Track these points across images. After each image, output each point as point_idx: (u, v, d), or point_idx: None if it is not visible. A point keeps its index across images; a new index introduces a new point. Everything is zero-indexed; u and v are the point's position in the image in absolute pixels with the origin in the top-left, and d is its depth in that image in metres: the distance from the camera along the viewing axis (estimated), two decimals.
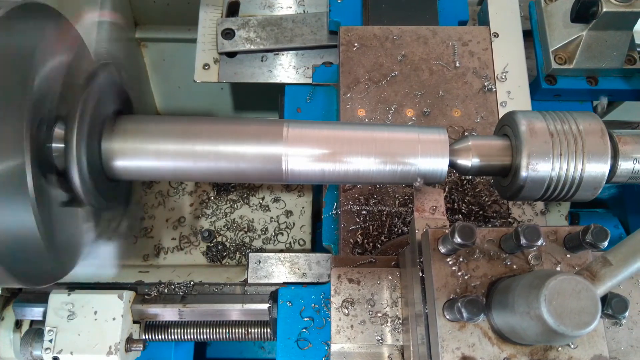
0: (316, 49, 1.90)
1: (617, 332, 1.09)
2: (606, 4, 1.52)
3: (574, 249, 0.99)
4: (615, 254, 0.86)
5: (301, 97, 1.74)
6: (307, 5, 1.99)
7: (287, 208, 2.03)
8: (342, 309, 1.22)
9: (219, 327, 1.68)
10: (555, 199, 1.17)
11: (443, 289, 0.96)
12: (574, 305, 0.78)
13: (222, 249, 1.96)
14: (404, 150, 1.16)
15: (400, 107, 1.60)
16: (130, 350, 1.56)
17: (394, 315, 1.21)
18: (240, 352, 2.57)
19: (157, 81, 2.60)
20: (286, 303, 1.40)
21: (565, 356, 0.92)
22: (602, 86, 1.71)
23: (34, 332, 1.58)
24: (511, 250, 0.98)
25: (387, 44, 1.67)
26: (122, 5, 2.22)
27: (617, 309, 0.87)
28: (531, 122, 1.12)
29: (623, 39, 1.62)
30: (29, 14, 1.07)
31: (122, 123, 1.22)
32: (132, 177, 1.25)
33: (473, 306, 0.88)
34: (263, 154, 1.18)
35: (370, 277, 1.25)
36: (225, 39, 1.88)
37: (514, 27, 1.73)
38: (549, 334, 0.80)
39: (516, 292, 0.85)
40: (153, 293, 1.66)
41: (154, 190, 2.09)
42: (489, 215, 1.50)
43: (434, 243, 0.99)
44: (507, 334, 0.91)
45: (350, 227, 1.49)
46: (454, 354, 0.92)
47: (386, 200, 1.52)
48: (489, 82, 1.63)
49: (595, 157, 1.10)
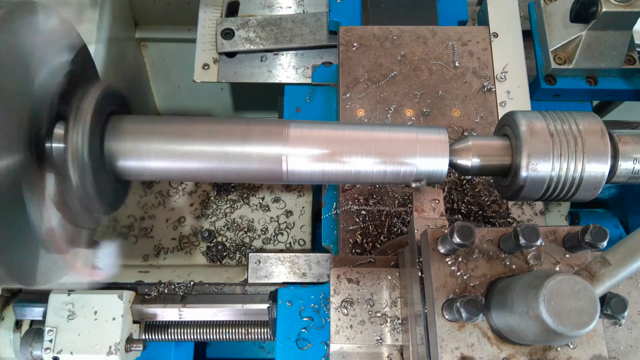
0: (316, 49, 1.91)
1: (616, 332, 1.09)
2: (605, 4, 1.52)
3: (573, 249, 0.99)
4: (614, 254, 0.86)
5: (301, 97, 1.75)
6: (306, 5, 1.99)
7: (287, 208, 2.03)
8: (342, 309, 1.22)
9: (219, 327, 1.68)
10: (555, 199, 1.16)
11: (442, 289, 0.96)
12: (573, 305, 0.78)
13: (222, 249, 1.97)
14: (404, 151, 1.16)
15: (399, 107, 1.60)
16: (130, 350, 1.55)
17: (393, 315, 1.21)
18: (240, 352, 2.57)
19: (157, 81, 2.61)
20: (285, 303, 1.40)
21: (564, 356, 0.92)
22: (602, 86, 1.71)
23: (34, 332, 1.57)
24: (510, 250, 0.98)
25: (386, 44, 1.68)
26: (122, 5, 2.22)
27: (616, 309, 0.87)
28: (531, 122, 1.12)
29: (622, 39, 1.62)
30: (28, 14, 1.07)
31: (122, 123, 1.22)
32: (133, 177, 1.25)
33: (472, 306, 0.88)
34: (263, 154, 1.17)
35: (369, 277, 1.25)
36: (225, 39, 1.88)
37: (513, 27, 1.73)
38: (548, 334, 0.80)
39: (515, 292, 0.85)
40: (153, 293, 1.66)
41: (154, 190, 2.10)
42: (488, 215, 1.50)
43: (433, 243, 0.99)
44: (506, 334, 0.91)
45: (350, 227, 1.49)
46: (453, 354, 0.92)
47: (385, 200, 1.52)
48: (488, 82, 1.63)
49: (595, 157, 1.10)
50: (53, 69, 1.14)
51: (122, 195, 1.37)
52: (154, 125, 1.23)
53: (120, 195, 1.36)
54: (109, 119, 1.21)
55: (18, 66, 1.03)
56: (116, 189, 1.31)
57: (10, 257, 1.02)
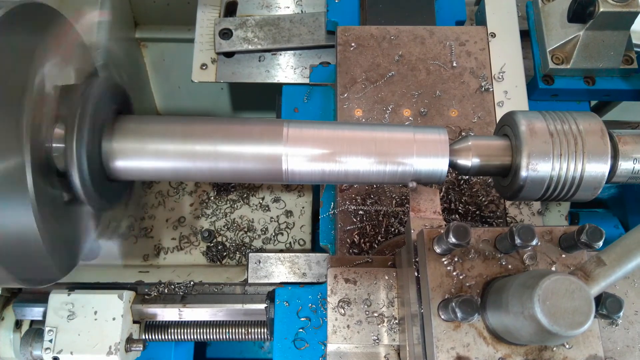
0: (314, 49, 1.91)
1: (613, 332, 1.09)
2: (603, 3, 1.52)
3: (569, 249, 0.99)
4: (609, 254, 0.86)
5: (298, 97, 1.75)
6: (304, 5, 1.99)
7: (287, 208, 2.04)
8: (339, 309, 1.22)
9: (219, 327, 1.68)
10: (555, 199, 1.17)
11: (438, 289, 0.96)
12: (568, 305, 0.78)
13: (222, 249, 1.97)
14: (404, 151, 1.16)
15: (397, 107, 1.60)
16: (130, 350, 1.56)
17: (390, 315, 1.21)
18: (240, 352, 2.57)
19: (157, 81, 2.61)
20: (283, 303, 1.41)
21: (560, 356, 0.93)
22: (599, 86, 1.70)
23: (34, 332, 1.58)
24: (506, 250, 0.99)
25: (384, 44, 1.68)
26: (122, 5, 2.22)
27: (612, 308, 0.87)
28: (531, 122, 1.12)
29: (620, 38, 1.62)
30: (29, 14, 1.08)
31: (122, 123, 1.22)
32: (132, 177, 1.26)
33: (467, 306, 0.88)
34: (263, 154, 1.18)
35: (366, 277, 1.25)
36: (223, 39, 1.88)
37: (511, 27, 1.73)
38: (543, 334, 0.80)
39: (510, 292, 0.86)
40: (153, 293, 1.66)
41: (154, 190, 2.10)
42: (485, 215, 1.50)
43: (429, 243, 1.00)
44: (502, 334, 0.92)
45: (347, 227, 1.49)
46: (449, 354, 0.92)
47: (383, 200, 1.52)
48: (486, 82, 1.63)
49: (595, 157, 1.10)
50: (53, 69, 1.14)
51: (124, 194, 1.38)
52: (153, 125, 1.23)
53: (122, 195, 1.36)
54: (110, 119, 1.21)
55: (18, 66, 1.04)
56: (117, 189, 1.32)
57: (13, 258, 1.02)
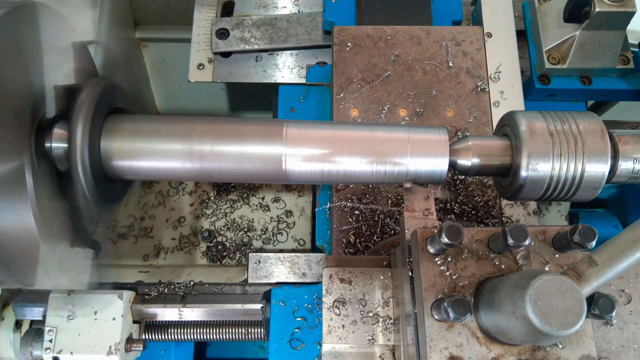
0: (311, 49, 1.91)
1: (607, 332, 1.09)
2: (599, 3, 1.51)
3: (563, 249, 0.99)
4: (601, 254, 0.86)
5: (295, 97, 1.75)
6: (301, 5, 2.00)
7: (287, 208, 2.04)
8: (334, 308, 1.22)
9: (219, 327, 1.68)
10: (555, 199, 1.17)
11: (431, 289, 0.97)
12: (560, 305, 0.79)
13: (222, 249, 1.98)
14: (404, 151, 1.16)
15: (393, 107, 1.60)
16: (130, 350, 1.56)
17: (385, 315, 1.21)
18: (240, 352, 2.57)
19: (157, 81, 2.62)
20: (279, 303, 1.41)
21: (553, 356, 0.93)
22: (596, 86, 1.70)
23: (34, 332, 1.58)
24: (499, 250, 0.99)
25: (380, 43, 1.68)
26: (122, 5, 2.23)
27: (604, 309, 0.87)
28: (531, 122, 1.12)
29: (616, 38, 1.61)
30: (29, 14, 1.08)
31: (122, 122, 1.22)
32: (132, 176, 1.26)
33: (459, 306, 0.88)
34: (263, 153, 1.18)
35: (362, 277, 1.25)
36: (220, 38, 1.89)
37: (507, 27, 1.73)
38: (535, 334, 0.80)
39: (502, 292, 0.86)
40: (153, 293, 1.66)
41: (154, 190, 2.11)
42: (481, 215, 1.50)
43: (422, 243, 1.00)
44: (495, 333, 0.92)
45: (343, 227, 1.49)
46: (442, 354, 0.93)
47: (379, 200, 1.52)
48: (482, 82, 1.63)
49: (595, 157, 1.10)
50: (53, 69, 1.15)
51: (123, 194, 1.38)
52: (153, 124, 1.24)
53: (120, 194, 1.37)
54: (109, 118, 1.22)
55: (18, 66, 1.04)
56: (116, 188, 1.32)
57: (13, 259, 1.03)
